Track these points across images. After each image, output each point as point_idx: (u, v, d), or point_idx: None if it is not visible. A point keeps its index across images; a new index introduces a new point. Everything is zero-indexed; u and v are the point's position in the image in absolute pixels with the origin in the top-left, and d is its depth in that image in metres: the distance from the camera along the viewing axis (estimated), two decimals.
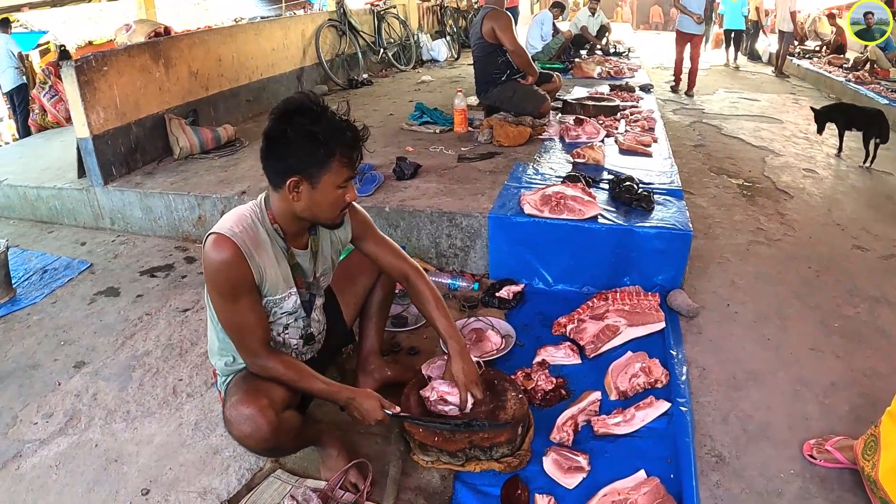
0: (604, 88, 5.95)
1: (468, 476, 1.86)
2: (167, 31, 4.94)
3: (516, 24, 11.97)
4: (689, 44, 7.63)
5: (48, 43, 8.59)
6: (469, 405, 1.92)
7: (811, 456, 1.89)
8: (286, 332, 1.83)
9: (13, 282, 3.37)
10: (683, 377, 2.24)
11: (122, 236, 4.11)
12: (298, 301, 1.80)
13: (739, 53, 11.01)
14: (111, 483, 1.98)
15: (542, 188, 3.01)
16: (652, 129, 4.36)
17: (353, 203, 1.83)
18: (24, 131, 7.79)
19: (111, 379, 2.55)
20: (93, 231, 4.24)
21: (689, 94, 7.71)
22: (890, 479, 1.60)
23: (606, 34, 9.25)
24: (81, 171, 4.15)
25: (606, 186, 3.19)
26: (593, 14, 8.81)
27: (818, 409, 2.12)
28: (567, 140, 4.17)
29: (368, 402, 1.77)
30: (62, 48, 8.45)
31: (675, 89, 8.03)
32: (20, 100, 7.91)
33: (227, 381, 1.81)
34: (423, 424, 1.87)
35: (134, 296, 3.27)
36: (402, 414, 1.83)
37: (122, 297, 3.27)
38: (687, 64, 7.73)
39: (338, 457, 1.87)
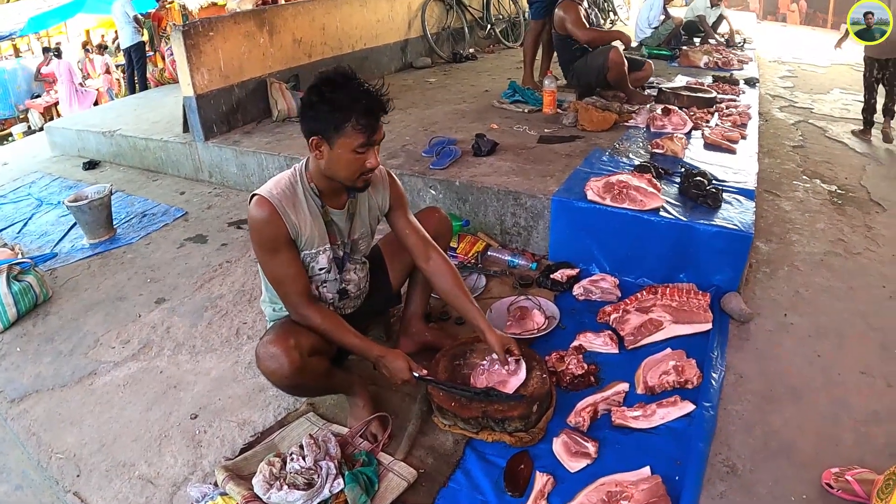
0: (707, 79, 5.70)
1: (480, 444, 1.96)
2: None
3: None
4: None
5: (172, 2, 9.25)
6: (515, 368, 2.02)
7: (829, 485, 1.79)
8: (324, 286, 2.00)
9: (114, 222, 3.79)
10: (717, 382, 2.19)
11: (218, 189, 4.47)
12: (331, 256, 1.95)
13: None
14: (167, 405, 2.25)
15: (608, 175, 2.99)
16: (744, 126, 4.16)
17: (394, 177, 1.99)
18: (142, 85, 8.55)
19: (185, 316, 2.83)
20: (192, 182, 4.63)
21: None
22: None
23: (724, 21, 8.77)
24: (186, 127, 4.53)
25: (678, 180, 3.12)
26: (712, 6, 8.33)
27: (853, 436, 1.99)
28: (653, 129, 4.06)
29: (397, 362, 1.89)
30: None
31: None
32: (137, 56, 8.69)
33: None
34: (444, 389, 1.98)
35: (219, 244, 3.58)
36: (427, 377, 1.94)
37: (208, 244, 3.59)
38: None
39: (363, 407, 2.03)
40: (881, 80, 5.13)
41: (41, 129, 7.86)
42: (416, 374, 1.91)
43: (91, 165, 5.35)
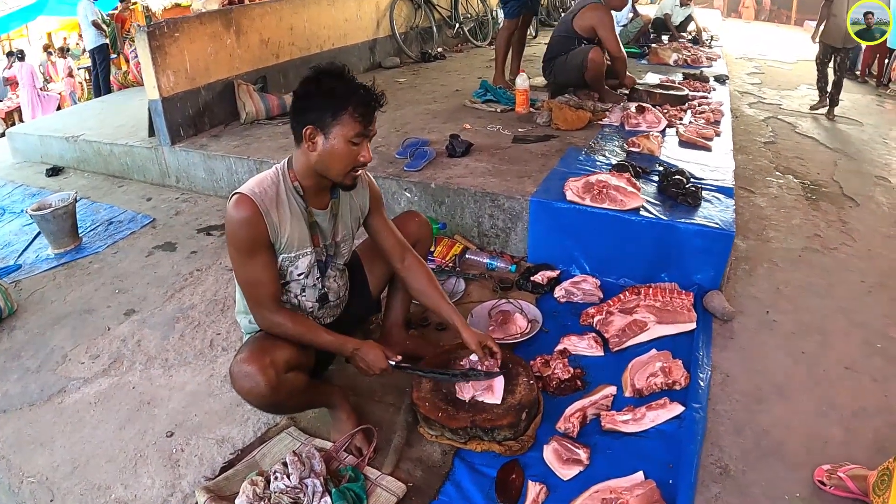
0: (677, 76, 5.73)
1: (468, 454, 1.90)
2: None
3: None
4: None
5: (136, 4, 9.03)
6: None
7: (821, 482, 1.79)
8: (303, 294, 1.93)
9: (80, 231, 3.65)
10: (704, 382, 2.17)
11: (186, 194, 4.34)
12: (314, 260, 1.89)
13: None
14: (141, 423, 2.15)
15: (587, 175, 2.97)
16: (717, 123, 4.18)
17: (370, 177, 1.96)
18: (106, 88, 8.33)
19: (156, 328, 2.73)
20: (159, 188, 4.49)
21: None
22: None
23: (692, 22, 8.88)
24: (152, 131, 4.40)
25: (656, 178, 3.11)
26: (682, 5, 8.40)
27: (841, 433, 1.99)
28: (627, 127, 4.06)
29: (372, 351, 1.85)
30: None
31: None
32: (101, 59, 8.47)
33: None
34: (423, 374, 1.96)
35: (188, 252, 3.46)
36: (403, 364, 1.90)
37: (177, 252, 3.47)
38: None
39: (346, 420, 1.96)
40: (834, 66, 5.53)
41: (2, 134, 7.59)
42: (393, 363, 1.88)
43: (54, 172, 5.16)
